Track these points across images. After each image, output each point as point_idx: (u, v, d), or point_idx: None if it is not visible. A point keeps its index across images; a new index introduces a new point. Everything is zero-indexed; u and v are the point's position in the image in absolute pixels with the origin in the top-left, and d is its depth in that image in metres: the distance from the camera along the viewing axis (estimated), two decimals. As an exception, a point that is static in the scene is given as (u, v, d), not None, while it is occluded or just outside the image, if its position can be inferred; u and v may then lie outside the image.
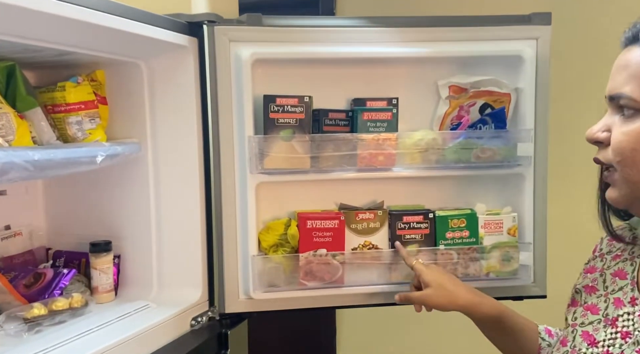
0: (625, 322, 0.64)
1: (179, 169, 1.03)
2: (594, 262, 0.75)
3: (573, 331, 0.68)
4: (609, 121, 0.63)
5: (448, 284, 0.90)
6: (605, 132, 0.63)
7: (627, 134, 0.59)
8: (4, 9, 0.66)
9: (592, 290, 0.71)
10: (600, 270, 0.73)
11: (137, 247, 1.06)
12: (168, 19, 0.95)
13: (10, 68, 0.91)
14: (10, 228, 1.08)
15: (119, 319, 0.91)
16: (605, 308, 0.68)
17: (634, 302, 0.64)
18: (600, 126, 0.64)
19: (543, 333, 0.87)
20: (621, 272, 0.69)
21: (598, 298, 0.70)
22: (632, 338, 0.61)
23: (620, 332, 0.63)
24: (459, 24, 1.01)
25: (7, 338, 0.82)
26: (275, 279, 0.99)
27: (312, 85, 1.02)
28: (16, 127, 0.87)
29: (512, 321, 0.87)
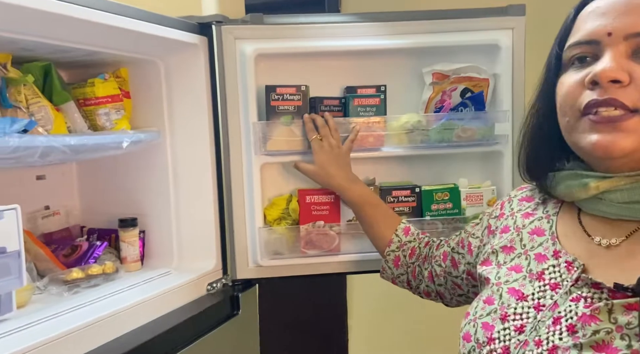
0: (552, 274, 0.63)
1: (194, 153, 1.10)
2: (506, 222, 0.75)
3: (498, 290, 0.66)
4: (622, 60, 0.56)
5: (331, 167, 1.02)
6: (624, 71, 0.56)
7: None
8: (42, 16, 0.76)
9: (510, 250, 0.70)
10: (515, 229, 0.72)
11: (159, 223, 1.14)
12: (182, 21, 1.03)
13: (46, 67, 1.00)
14: (49, 208, 1.17)
15: (145, 283, 1.01)
16: (527, 264, 0.67)
17: (557, 255, 0.64)
18: (616, 64, 0.56)
19: (400, 230, 0.97)
20: (539, 230, 0.68)
21: (518, 257, 0.68)
22: (563, 288, 0.60)
23: (549, 284, 0.62)
24: (442, 17, 1.08)
25: (50, 297, 0.92)
26: (279, 248, 1.09)
27: (308, 75, 1.10)
28: (53, 118, 0.98)
29: (372, 211, 0.99)
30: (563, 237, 0.65)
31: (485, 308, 0.65)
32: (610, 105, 0.56)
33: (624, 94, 0.55)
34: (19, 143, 0.80)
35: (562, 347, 0.55)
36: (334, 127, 1.05)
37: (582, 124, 0.59)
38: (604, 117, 0.56)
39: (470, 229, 0.85)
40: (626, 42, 0.56)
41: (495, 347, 0.61)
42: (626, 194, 0.59)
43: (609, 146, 0.56)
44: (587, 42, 0.59)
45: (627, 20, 0.56)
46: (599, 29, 0.58)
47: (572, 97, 0.60)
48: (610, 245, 0.60)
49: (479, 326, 0.64)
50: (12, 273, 0.78)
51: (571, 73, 0.61)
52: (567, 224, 0.67)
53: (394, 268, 0.97)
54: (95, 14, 0.82)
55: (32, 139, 0.83)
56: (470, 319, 0.66)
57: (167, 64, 1.09)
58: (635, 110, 0.55)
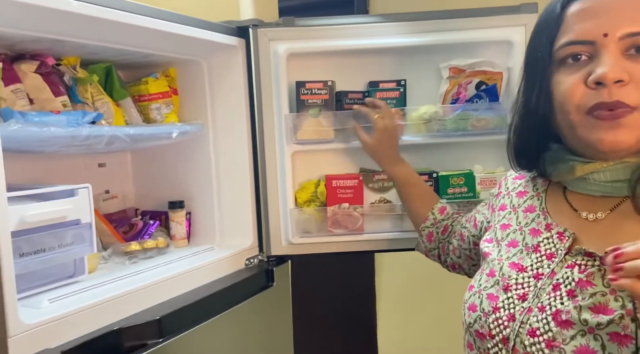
0: (547, 245, 0.67)
1: (233, 143, 1.19)
2: (503, 200, 0.80)
3: (500, 264, 0.70)
4: (619, 61, 0.59)
5: (385, 144, 1.07)
6: (624, 71, 0.59)
7: None
8: (108, 24, 0.88)
9: (507, 227, 0.74)
10: (512, 208, 0.76)
11: (203, 205, 1.25)
12: (223, 25, 1.13)
13: (108, 68, 1.13)
14: (109, 192, 1.30)
15: (192, 256, 1.13)
16: (522, 239, 0.71)
17: (549, 228, 0.68)
18: (617, 65, 0.59)
19: (436, 209, 1.03)
20: (531, 207, 0.73)
21: (514, 233, 0.73)
22: (558, 256, 0.65)
23: (545, 255, 0.66)
24: (458, 16, 1.14)
25: (114, 265, 1.06)
26: (309, 228, 1.19)
27: (335, 72, 1.18)
28: (114, 112, 1.11)
29: (413, 190, 1.05)
30: (553, 213, 0.70)
31: (489, 280, 0.69)
32: (617, 107, 0.59)
33: (626, 93, 0.59)
34: (89, 132, 0.94)
35: (564, 310, 0.59)
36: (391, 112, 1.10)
37: (589, 121, 0.61)
38: (608, 114, 0.59)
39: (480, 207, 0.92)
40: (621, 42, 0.59)
41: (500, 315, 0.64)
42: (609, 174, 0.64)
43: (614, 141, 0.60)
44: (582, 43, 0.61)
45: (622, 20, 0.59)
46: (595, 29, 0.60)
47: (575, 96, 0.62)
48: (597, 219, 0.65)
49: (484, 297, 0.68)
50: (86, 241, 0.92)
51: (567, 71, 0.63)
52: (555, 200, 0.71)
53: (427, 242, 1.04)
54: (151, 21, 0.94)
55: (100, 129, 0.97)
56: (475, 291, 0.70)
57: (210, 64, 1.20)
58: (635, 107, 0.59)
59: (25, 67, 0.96)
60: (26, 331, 0.73)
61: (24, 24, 0.82)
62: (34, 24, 0.83)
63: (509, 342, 0.63)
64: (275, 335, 1.23)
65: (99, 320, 0.84)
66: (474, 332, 0.68)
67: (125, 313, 0.88)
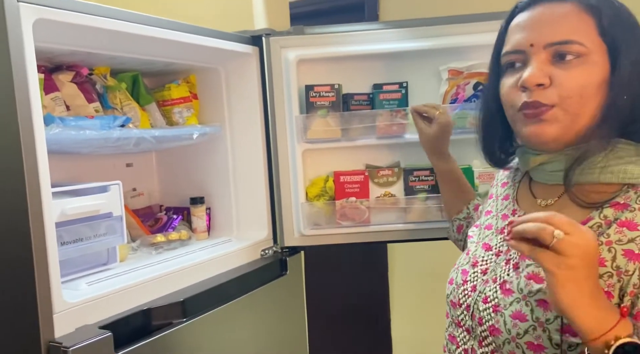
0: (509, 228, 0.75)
1: (249, 143, 1.27)
2: (492, 190, 0.88)
3: (476, 246, 0.80)
4: (544, 66, 0.66)
5: (440, 140, 1.08)
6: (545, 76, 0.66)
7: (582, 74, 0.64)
8: (134, 38, 0.97)
9: (489, 213, 0.84)
10: (496, 197, 0.85)
11: (222, 200, 1.33)
12: (238, 35, 1.21)
13: (134, 76, 1.22)
14: (136, 190, 1.39)
15: (212, 246, 1.21)
16: (495, 223, 0.80)
17: (514, 212, 0.77)
18: (538, 71, 0.66)
19: (472, 204, 1.07)
20: (507, 196, 0.81)
21: (492, 218, 0.82)
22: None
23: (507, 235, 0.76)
24: (456, 21, 1.19)
25: (142, 254, 1.15)
26: (319, 220, 1.26)
27: (341, 75, 1.25)
28: (140, 116, 1.21)
29: (455, 184, 1.09)
30: (520, 200, 0.79)
31: (466, 258, 0.80)
32: (535, 107, 0.67)
33: (545, 94, 0.66)
34: (119, 134, 1.03)
35: (508, 281, 0.70)
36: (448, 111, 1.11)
37: (520, 118, 0.70)
38: (532, 112, 0.68)
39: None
40: (545, 51, 0.66)
41: (467, 287, 0.75)
42: (555, 165, 0.71)
43: (538, 134, 0.68)
44: (514, 52, 0.70)
45: (545, 32, 0.66)
46: (522, 41, 0.68)
47: (511, 97, 0.71)
48: (547, 204, 0.73)
49: (459, 272, 0.78)
50: (117, 231, 1.02)
51: (508, 76, 0.72)
52: (523, 189, 0.80)
53: (456, 233, 1.09)
54: (173, 34, 1.03)
55: (129, 132, 1.06)
56: (454, 268, 0.81)
57: (227, 71, 1.28)
58: (553, 105, 0.66)
59: (62, 78, 1.06)
60: (68, 309, 0.82)
61: (63, 40, 0.92)
62: (72, 40, 0.93)
63: (470, 309, 0.73)
64: (289, 321, 1.31)
65: (130, 301, 0.93)
66: (449, 302, 0.78)
67: (153, 295, 0.98)
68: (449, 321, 0.79)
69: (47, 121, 0.92)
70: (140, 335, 0.89)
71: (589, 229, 0.59)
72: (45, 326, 0.77)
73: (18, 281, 0.78)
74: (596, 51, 0.66)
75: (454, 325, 0.77)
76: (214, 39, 1.14)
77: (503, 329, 0.68)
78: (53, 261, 0.79)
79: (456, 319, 0.77)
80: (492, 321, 0.69)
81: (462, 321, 0.75)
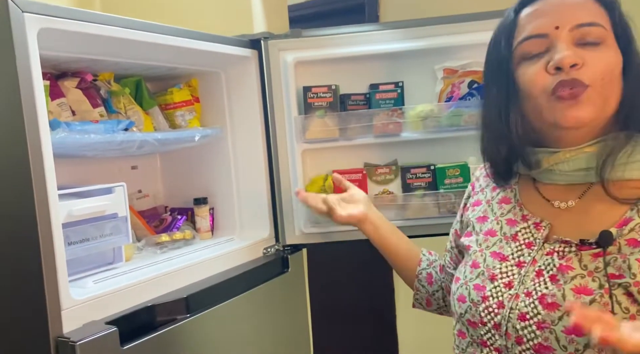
0: (525, 235, 0.71)
1: (249, 144, 1.28)
2: (477, 197, 0.83)
3: (482, 255, 0.74)
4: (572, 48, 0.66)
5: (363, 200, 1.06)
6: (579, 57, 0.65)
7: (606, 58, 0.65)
8: (137, 44, 1.00)
9: (484, 219, 0.78)
10: (486, 202, 0.80)
11: (224, 201, 1.35)
12: (238, 39, 1.23)
13: (137, 81, 1.25)
14: (141, 191, 1.41)
15: (215, 245, 1.23)
16: (500, 228, 0.74)
17: (525, 218, 0.73)
18: (572, 52, 0.65)
19: (424, 251, 1.01)
20: (505, 198, 0.77)
21: (491, 223, 0.76)
22: (537, 245, 0.70)
23: (524, 243, 0.71)
24: (450, 21, 1.21)
25: (147, 254, 1.17)
26: (319, 218, 1.27)
27: (338, 76, 1.27)
28: (143, 120, 1.23)
29: (391, 249, 1.02)
30: (527, 204, 0.75)
31: (473, 272, 0.73)
32: (573, 85, 0.65)
33: (581, 73, 0.65)
34: (123, 138, 1.06)
35: (549, 294, 0.65)
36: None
37: (552, 102, 0.67)
38: (568, 93, 0.65)
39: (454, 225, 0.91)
40: (571, 33, 0.66)
41: (490, 304, 0.68)
42: (572, 164, 0.69)
43: (576, 117, 0.65)
44: (537, 36, 0.68)
45: (569, 15, 0.66)
46: (547, 24, 0.67)
47: (539, 81, 0.67)
48: (568, 207, 0.70)
49: (471, 288, 0.72)
50: (122, 232, 1.05)
51: (528, 63, 0.69)
52: (527, 192, 0.76)
53: (427, 286, 0.98)
54: (175, 39, 1.06)
55: (132, 135, 1.09)
56: (461, 283, 0.74)
57: (227, 74, 1.31)
58: (589, 84, 0.65)
59: (67, 84, 1.09)
60: (76, 306, 0.85)
61: (68, 48, 0.95)
62: (76, 47, 0.96)
63: (501, 327, 0.67)
64: (292, 317, 1.33)
65: (135, 298, 0.96)
66: (465, 321, 0.72)
67: (158, 292, 1.00)
68: (467, 341, 0.73)
69: (53, 125, 0.95)
70: (145, 331, 0.91)
71: None
72: (53, 322, 0.80)
73: (27, 279, 0.81)
74: (612, 38, 0.67)
75: (475, 345, 0.72)
76: (214, 44, 1.16)
77: (556, 347, 0.63)
78: (60, 260, 0.82)
79: (479, 339, 0.71)
80: (539, 338, 0.64)
81: (488, 341, 0.69)
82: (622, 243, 0.63)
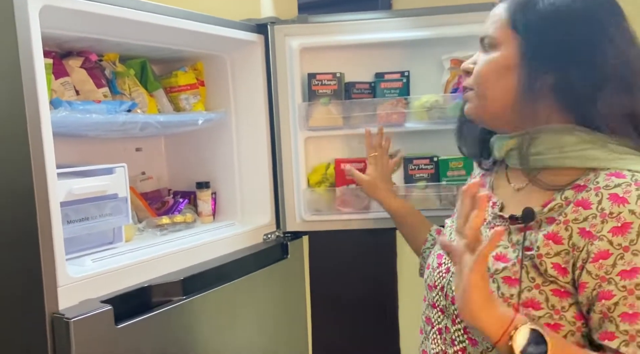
0: (487, 214, 0.78)
1: (253, 129, 1.28)
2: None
3: (450, 230, 0.86)
4: (476, 57, 0.77)
5: (379, 181, 1.13)
6: (473, 64, 0.77)
7: (486, 62, 0.74)
8: (143, 25, 0.99)
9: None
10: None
11: (227, 185, 1.35)
12: (244, 23, 1.22)
13: (143, 63, 1.24)
14: (145, 174, 1.42)
15: (215, 229, 1.23)
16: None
17: (489, 198, 0.78)
18: (470, 60, 0.78)
19: (433, 230, 1.07)
20: (484, 183, 0.84)
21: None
22: (486, 221, 0.77)
23: (485, 221, 0.77)
24: (459, 10, 1.18)
25: (147, 235, 1.18)
26: (319, 206, 1.27)
27: (345, 64, 1.25)
28: (148, 102, 1.23)
29: (410, 218, 1.10)
30: (496, 187, 0.82)
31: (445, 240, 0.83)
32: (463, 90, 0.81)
33: (468, 79, 0.78)
34: (125, 119, 1.06)
35: None
36: (387, 148, 1.17)
37: None
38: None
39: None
40: (480, 43, 0.78)
41: (441, 269, 0.80)
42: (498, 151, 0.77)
43: (466, 112, 0.79)
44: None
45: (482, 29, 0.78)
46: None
47: None
48: (519, 188, 0.76)
49: (435, 256, 0.83)
50: (122, 212, 1.05)
51: None
52: (499, 176, 0.83)
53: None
54: (181, 22, 1.05)
55: (134, 116, 1.09)
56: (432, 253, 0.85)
57: (233, 58, 1.30)
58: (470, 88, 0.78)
59: (72, 63, 1.09)
60: (72, 283, 0.86)
61: (72, 27, 0.95)
62: (79, 26, 0.96)
63: (444, 289, 0.77)
64: (290, 304, 1.33)
65: (133, 278, 0.96)
66: (426, 285, 0.82)
67: (155, 273, 1.01)
68: (426, 304, 0.83)
69: (55, 104, 0.96)
70: (140, 311, 0.92)
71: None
72: (49, 298, 0.81)
73: (25, 255, 0.82)
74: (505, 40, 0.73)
75: (430, 307, 0.81)
76: (219, 27, 1.15)
77: None
78: (58, 237, 0.83)
79: (432, 301, 0.80)
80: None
81: (436, 302, 0.79)
82: (543, 220, 0.69)
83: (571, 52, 0.68)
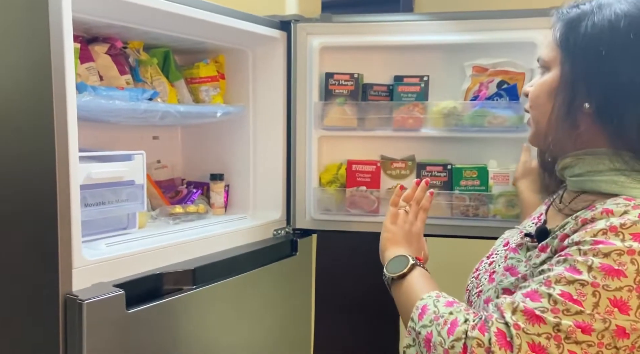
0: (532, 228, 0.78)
1: (270, 125, 1.29)
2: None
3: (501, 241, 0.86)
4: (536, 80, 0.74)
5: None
6: (530, 87, 0.74)
7: (538, 84, 0.72)
8: (168, 15, 1.01)
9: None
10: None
11: (240, 179, 1.36)
12: (268, 19, 1.23)
13: (166, 53, 1.25)
14: (160, 162, 1.43)
15: (226, 222, 1.24)
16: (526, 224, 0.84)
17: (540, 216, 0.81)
18: (530, 83, 0.75)
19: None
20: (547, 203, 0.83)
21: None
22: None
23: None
24: (486, 17, 1.17)
25: (160, 223, 1.19)
26: (329, 206, 1.27)
27: (364, 65, 1.25)
28: (168, 91, 1.24)
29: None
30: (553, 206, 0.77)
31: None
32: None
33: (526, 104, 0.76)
34: (146, 107, 1.07)
35: (497, 271, 0.76)
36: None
37: None
38: None
39: None
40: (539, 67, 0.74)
41: (475, 274, 0.83)
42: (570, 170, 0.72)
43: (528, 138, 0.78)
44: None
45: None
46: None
47: None
48: (560, 209, 0.73)
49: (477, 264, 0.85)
50: (138, 199, 1.06)
51: None
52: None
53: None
54: (205, 14, 1.06)
55: (155, 105, 1.10)
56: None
57: (254, 53, 1.30)
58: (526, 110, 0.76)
59: (98, 49, 1.10)
60: (87, 265, 0.87)
61: (100, 12, 0.96)
62: (107, 12, 0.97)
63: (468, 293, 0.81)
64: (296, 300, 1.34)
65: (144, 265, 0.97)
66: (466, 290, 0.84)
67: (167, 261, 1.02)
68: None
69: (80, 88, 0.97)
70: (151, 297, 0.93)
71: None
72: (64, 279, 0.82)
73: (43, 236, 0.83)
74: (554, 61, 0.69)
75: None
76: (244, 22, 1.16)
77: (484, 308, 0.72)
78: (75, 219, 0.84)
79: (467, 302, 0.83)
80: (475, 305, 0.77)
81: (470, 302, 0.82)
82: (555, 240, 0.66)
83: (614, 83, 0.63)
